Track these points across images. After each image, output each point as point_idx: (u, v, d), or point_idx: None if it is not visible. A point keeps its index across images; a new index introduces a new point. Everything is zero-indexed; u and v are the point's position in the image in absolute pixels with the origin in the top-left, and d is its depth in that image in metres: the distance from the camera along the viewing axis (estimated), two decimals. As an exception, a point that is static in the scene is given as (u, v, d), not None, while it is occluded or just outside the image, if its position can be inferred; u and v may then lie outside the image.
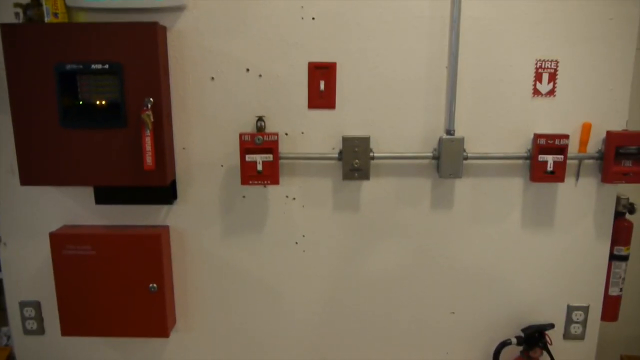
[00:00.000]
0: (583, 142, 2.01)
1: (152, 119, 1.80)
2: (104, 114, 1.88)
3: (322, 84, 1.97)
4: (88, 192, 2.07)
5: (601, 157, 2.01)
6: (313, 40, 1.94)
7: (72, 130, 1.87)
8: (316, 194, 2.08)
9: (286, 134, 2.01)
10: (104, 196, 2.07)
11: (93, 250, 2.00)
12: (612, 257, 2.14)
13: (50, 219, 2.09)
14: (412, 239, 2.12)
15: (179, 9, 1.90)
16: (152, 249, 2.01)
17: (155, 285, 2.01)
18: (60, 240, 2.00)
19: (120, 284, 2.02)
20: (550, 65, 1.96)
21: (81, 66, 1.81)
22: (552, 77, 1.98)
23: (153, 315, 2.05)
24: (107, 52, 1.80)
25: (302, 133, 2.02)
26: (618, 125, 2.01)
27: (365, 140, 1.98)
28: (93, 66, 1.81)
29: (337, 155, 2.00)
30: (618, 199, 2.11)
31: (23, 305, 2.19)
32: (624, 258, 2.15)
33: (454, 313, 2.20)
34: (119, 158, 1.88)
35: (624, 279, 2.17)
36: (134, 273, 2.02)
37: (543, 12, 1.93)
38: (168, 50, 1.93)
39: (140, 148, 1.82)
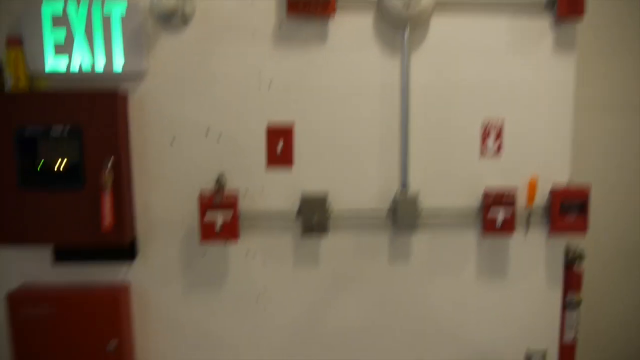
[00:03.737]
0: (530, 197, 2.10)
1: (111, 180, 1.83)
2: (63, 175, 1.91)
3: (280, 143, 2.03)
4: (47, 251, 2.06)
5: (548, 211, 2.10)
6: (271, 103, 2.02)
7: (31, 191, 1.89)
8: (277, 249, 2.11)
9: (247, 190, 2.06)
10: (63, 255, 2.06)
11: (51, 309, 1.98)
12: (565, 305, 2.21)
13: (7, 277, 2.06)
14: (371, 291, 2.16)
15: (140, 74, 1.97)
16: (111, 307, 2.01)
17: (114, 343, 2.00)
18: (18, 301, 1.98)
19: (78, 343, 2.00)
20: (496, 123, 2.08)
21: (41, 131, 1.85)
22: (499, 136, 2.09)
23: (112, 376, 2.03)
24: (68, 117, 1.86)
25: (262, 189, 2.07)
26: (563, 178, 2.12)
27: (323, 198, 2.04)
28: (53, 130, 1.85)
29: (295, 212, 2.05)
30: (567, 248, 2.19)
31: (-21, 368, 2.15)
32: (577, 304, 2.22)
33: (417, 362, 2.23)
34: (78, 218, 1.90)
35: (578, 324, 2.23)
36: (93, 332, 2.00)
37: (488, 78, 2.06)
38: (129, 114, 1.97)
39: (99, 209, 1.84)
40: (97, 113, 1.85)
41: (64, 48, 1.89)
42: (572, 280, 2.21)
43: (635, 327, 2.95)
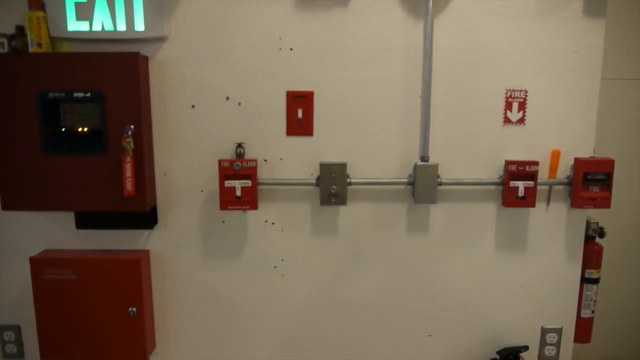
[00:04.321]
0: (553, 169, 2.08)
1: (132, 146, 1.85)
2: (85, 141, 1.92)
3: (300, 112, 2.03)
4: (69, 217, 2.09)
5: (570, 182, 2.08)
6: (291, 69, 2.01)
7: (54, 156, 1.90)
8: (295, 218, 2.12)
9: (265, 160, 2.06)
10: (84, 221, 2.09)
11: (73, 275, 2.02)
12: (584, 280, 2.20)
13: (31, 243, 2.11)
14: (388, 262, 2.17)
15: (161, 39, 1.96)
16: (132, 273, 2.03)
17: (134, 309, 2.03)
18: (41, 265, 2.02)
19: (100, 308, 2.04)
20: (520, 94, 2.04)
21: (63, 94, 1.86)
22: (522, 106, 2.05)
23: (132, 340, 2.07)
24: (90, 81, 1.86)
25: (281, 159, 2.07)
26: (586, 152, 2.08)
27: (342, 167, 2.03)
28: (75, 94, 1.86)
29: (314, 181, 2.05)
30: (588, 223, 2.17)
31: (3, 329, 2.20)
32: (595, 281, 2.20)
33: (430, 336, 2.23)
34: (100, 184, 1.92)
35: (595, 301, 2.22)
36: (114, 297, 2.04)
37: (512, 44, 2.01)
38: (150, 79, 1.98)
39: (121, 174, 1.86)
40: (119, 75, 1.84)
41: (85, 12, 1.89)
42: (591, 256, 2.19)
43: (653, 306, 2.93)
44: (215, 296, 2.17)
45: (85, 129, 1.93)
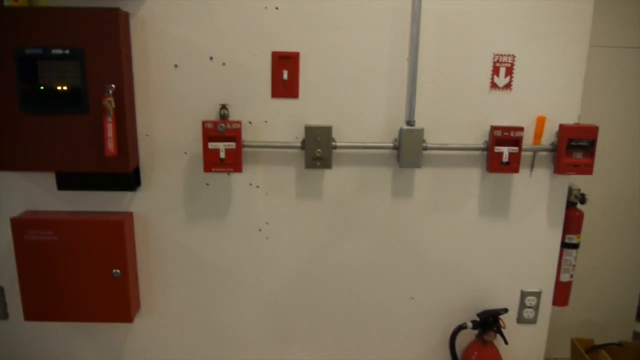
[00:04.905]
0: (537, 135, 2.09)
1: (113, 106, 1.81)
2: (65, 99, 1.87)
3: (285, 73, 1.99)
4: (50, 178, 2.06)
5: (554, 149, 2.09)
6: (277, 30, 1.96)
7: (33, 115, 1.86)
8: (279, 182, 2.11)
9: (250, 122, 2.04)
10: (66, 182, 2.07)
11: (55, 236, 2.00)
12: (564, 245, 2.24)
13: (12, 204, 2.08)
14: (373, 226, 2.18)
15: (142, -5, 1.90)
16: (115, 234, 2.02)
17: (118, 270, 2.03)
18: (22, 226, 1.99)
19: (83, 269, 2.03)
20: (507, 59, 2.03)
21: (41, 51, 1.80)
22: (509, 72, 2.04)
23: (116, 301, 2.07)
24: (68, 37, 1.80)
25: (266, 122, 2.04)
26: (571, 119, 2.09)
27: (328, 130, 2.01)
28: (53, 51, 1.80)
29: (299, 144, 2.03)
30: (570, 190, 2.20)
31: (-15, 290, 2.19)
32: (575, 246, 2.24)
33: (413, 299, 2.27)
34: (81, 144, 1.89)
35: (574, 266, 2.27)
36: (97, 259, 2.03)
37: (500, 9, 1.98)
38: (131, 37, 1.92)
39: (102, 134, 1.82)
40: (99, 32, 1.79)
41: (63, -36, 1.82)
42: (572, 221, 2.22)
43: (630, 273, 3.01)
44: (199, 258, 2.18)
45: (65, 88, 1.87)
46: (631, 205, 2.94)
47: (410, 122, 2.04)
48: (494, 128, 2.03)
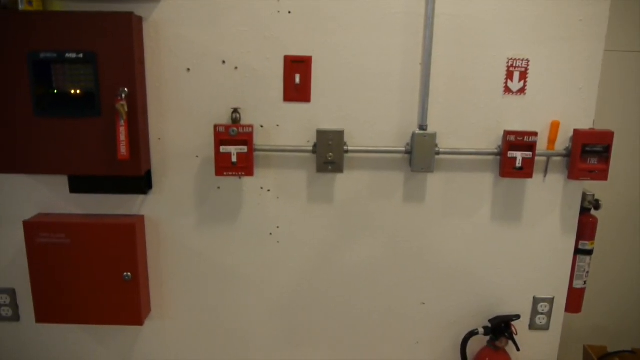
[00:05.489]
0: (551, 140, 2.06)
1: (126, 109, 1.81)
2: (78, 103, 1.88)
3: (297, 77, 1.99)
4: (63, 181, 2.07)
5: (568, 154, 2.06)
6: (289, 34, 1.96)
7: (46, 119, 1.86)
8: (291, 186, 2.10)
9: (261, 126, 2.03)
10: (78, 185, 2.07)
11: (67, 239, 2.01)
12: (577, 252, 2.21)
13: (24, 207, 2.09)
14: (384, 231, 2.17)
15: (155, -1, 1.91)
16: (127, 238, 2.03)
17: (129, 274, 2.03)
18: (34, 229, 2.00)
19: (94, 272, 2.04)
20: (521, 64, 2.01)
21: (55, 55, 1.81)
22: (523, 76, 2.02)
23: (127, 304, 2.07)
24: (82, 41, 1.80)
25: (278, 126, 2.04)
26: (585, 124, 2.06)
27: (340, 134, 2.00)
28: (67, 55, 1.81)
29: (311, 148, 2.03)
30: (584, 195, 2.17)
31: (-2, 292, 2.20)
32: (589, 252, 2.22)
33: (424, 304, 2.26)
34: (94, 147, 1.89)
35: (588, 272, 2.24)
36: (109, 262, 2.03)
37: (515, 12, 1.96)
38: (144, 41, 1.93)
39: (115, 138, 1.83)
40: (112, 36, 1.79)
41: (77, -32, 1.83)
42: (586, 227, 2.19)
43: (644, 279, 2.97)
44: (210, 262, 2.18)
45: (78, 91, 1.88)
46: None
47: (422, 127, 2.02)
48: (507, 133, 2.01)
